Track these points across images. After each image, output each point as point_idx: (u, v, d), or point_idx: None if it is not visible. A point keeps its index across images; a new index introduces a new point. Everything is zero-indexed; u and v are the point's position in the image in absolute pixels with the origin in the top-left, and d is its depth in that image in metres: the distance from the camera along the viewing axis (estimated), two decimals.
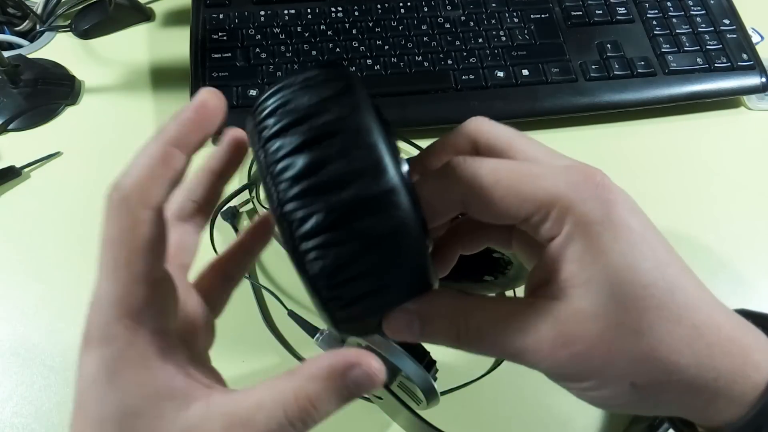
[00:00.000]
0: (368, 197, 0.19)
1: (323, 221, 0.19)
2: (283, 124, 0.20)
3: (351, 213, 0.19)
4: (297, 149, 0.19)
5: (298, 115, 0.19)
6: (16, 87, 0.54)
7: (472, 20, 0.57)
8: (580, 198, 0.20)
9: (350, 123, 0.19)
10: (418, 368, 0.33)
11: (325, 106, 0.19)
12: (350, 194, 0.19)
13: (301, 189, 0.19)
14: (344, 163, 0.19)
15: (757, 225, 0.49)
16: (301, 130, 0.19)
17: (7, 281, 0.45)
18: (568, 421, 0.40)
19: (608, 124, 0.55)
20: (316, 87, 0.20)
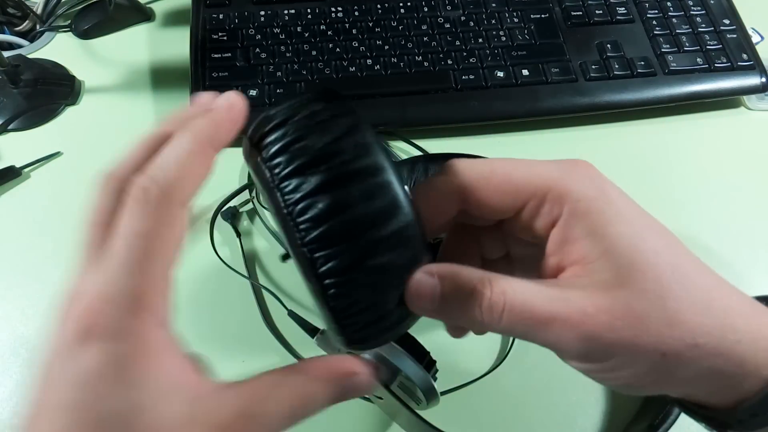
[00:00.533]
0: (389, 236, 0.21)
1: (347, 260, 0.20)
2: (299, 164, 0.20)
3: (372, 251, 0.21)
4: (317, 191, 0.20)
5: (314, 155, 0.20)
6: (16, 87, 0.54)
7: (472, 20, 0.57)
8: (575, 180, 0.21)
9: (366, 165, 0.21)
10: (418, 368, 0.33)
11: (340, 146, 0.21)
12: (373, 234, 0.20)
13: (324, 230, 0.20)
14: (366, 206, 0.20)
15: (756, 225, 0.49)
16: (320, 172, 0.20)
17: (7, 281, 0.45)
18: (568, 421, 0.40)
19: (608, 124, 0.55)
20: (326, 124, 0.21)
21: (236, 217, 0.48)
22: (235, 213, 0.48)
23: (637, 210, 0.21)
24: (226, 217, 0.48)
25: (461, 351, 0.42)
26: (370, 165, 0.21)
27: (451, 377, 0.41)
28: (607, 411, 0.41)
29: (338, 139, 0.21)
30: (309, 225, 0.20)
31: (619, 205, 0.21)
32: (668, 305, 0.20)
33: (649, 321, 0.20)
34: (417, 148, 0.52)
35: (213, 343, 0.43)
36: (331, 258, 0.20)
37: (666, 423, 0.37)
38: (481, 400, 0.41)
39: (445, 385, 0.40)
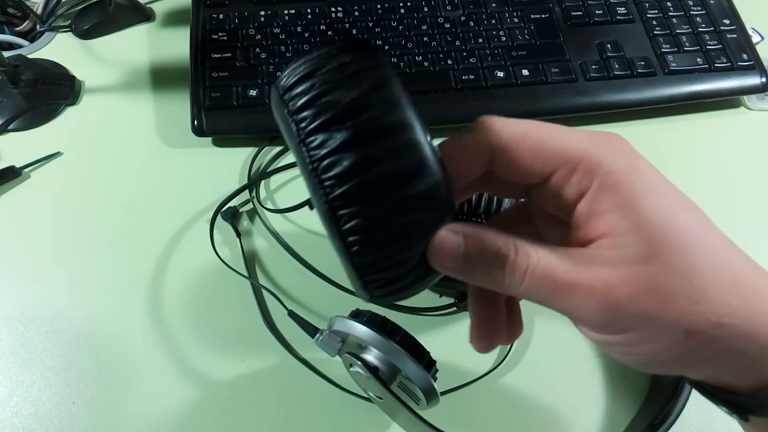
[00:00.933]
0: (415, 195, 0.20)
1: (371, 219, 0.20)
2: (326, 119, 0.20)
3: (398, 210, 0.20)
4: (343, 147, 0.20)
5: (341, 110, 0.20)
6: (16, 87, 0.54)
7: (472, 20, 0.57)
8: (608, 152, 0.21)
9: (394, 121, 0.20)
10: (418, 368, 0.33)
11: (368, 101, 0.20)
12: (398, 194, 0.20)
13: (348, 188, 0.20)
14: (392, 164, 0.20)
15: (757, 225, 0.49)
16: (347, 128, 0.20)
17: (7, 281, 0.45)
18: (568, 421, 0.40)
19: (608, 124, 0.55)
20: (354, 77, 0.20)
21: (236, 217, 0.48)
22: (235, 213, 0.48)
23: (668, 186, 0.21)
24: (226, 217, 0.48)
25: (461, 351, 0.42)
26: (399, 122, 0.20)
27: (451, 377, 0.41)
28: (607, 411, 0.41)
29: (366, 94, 0.20)
30: (334, 182, 0.20)
31: (651, 180, 0.20)
32: (695, 282, 0.19)
33: (674, 297, 0.19)
34: None
35: (213, 343, 0.43)
36: (354, 216, 0.20)
37: (666, 423, 0.37)
38: (481, 400, 0.41)
39: (445, 385, 0.40)
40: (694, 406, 0.38)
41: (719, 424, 0.39)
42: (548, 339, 0.43)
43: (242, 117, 0.52)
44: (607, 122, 0.55)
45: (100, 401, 0.40)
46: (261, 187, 0.51)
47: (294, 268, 0.46)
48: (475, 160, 0.22)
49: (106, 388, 0.41)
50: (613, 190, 0.20)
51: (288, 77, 0.21)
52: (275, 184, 0.51)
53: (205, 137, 0.52)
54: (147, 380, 0.41)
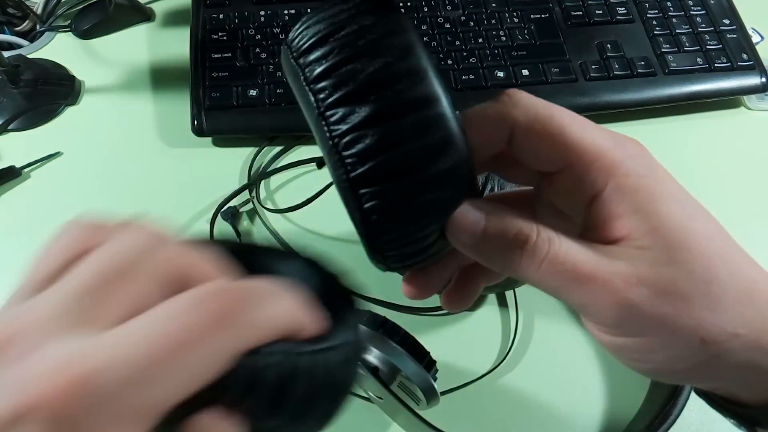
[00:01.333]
0: (438, 174, 0.19)
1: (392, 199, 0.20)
2: (347, 92, 0.19)
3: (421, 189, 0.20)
4: (366, 124, 0.19)
5: (364, 82, 0.19)
6: (16, 87, 0.54)
7: (472, 20, 0.57)
8: (627, 154, 0.20)
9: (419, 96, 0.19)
10: (418, 368, 0.33)
11: (392, 73, 0.19)
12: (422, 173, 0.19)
13: (371, 167, 0.19)
14: (417, 142, 0.19)
15: (757, 225, 0.49)
16: (369, 103, 0.19)
17: (7, 281, 0.45)
18: (568, 421, 0.40)
19: (608, 124, 0.55)
20: (377, 44, 0.19)
21: (236, 217, 0.48)
22: (235, 213, 0.48)
23: (686, 193, 0.20)
24: (226, 217, 0.48)
25: (461, 351, 0.42)
26: (424, 95, 0.19)
27: (451, 377, 0.41)
28: (607, 411, 0.41)
29: (390, 64, 0.19)
30: (355, 160, 0.19)
31: (669, 186, 0.20)
32: (713, 291, 0.19)
33: (692, 303, 0.19)
34: None
35: None
36: (377, 196, 0.19)
37: (666, 423, 0.37)
38: (481, 400, 0.41)
39: (445, 385, 0.40)
40: (694, 406, 0.38)
41: (719, 424, 0.39)
42: (548, 339, 0.43)
43: (242, 117, 0.51)
44: (607, 122, 0.55)
45: None
46: (261, 187, 0.51)
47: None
48: (495, 134, 0.21)
49: None
50: (631, 192, 0.20)
51: (302, 38, 0.20)
52: (275, 184, 0.51)
53: (205, 137, 0.52)
54: None
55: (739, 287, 0.19)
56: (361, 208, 0.20)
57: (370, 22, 0.19)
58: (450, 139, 0.19)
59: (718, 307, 0.19)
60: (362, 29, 0.19)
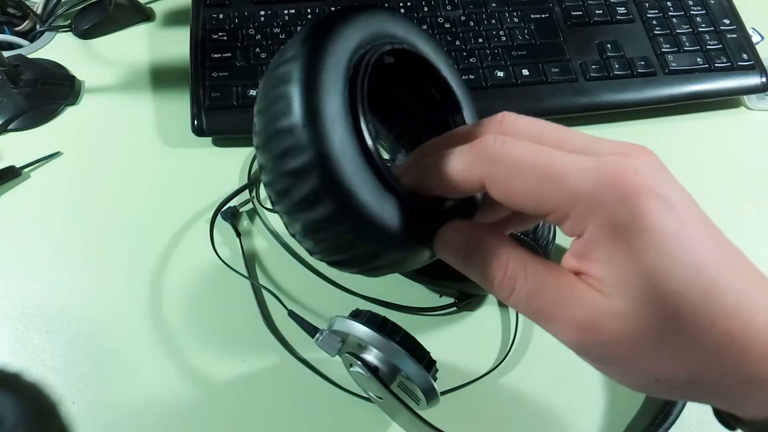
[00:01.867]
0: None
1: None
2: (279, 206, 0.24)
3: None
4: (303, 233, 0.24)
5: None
6: (16, 87, 0.54)
7: (472, 20, 0.57)
8: (606, 201, 0.19)
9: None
10: (418, 368, 0.33)
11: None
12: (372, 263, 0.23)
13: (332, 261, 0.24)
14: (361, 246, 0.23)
15: (757, 225, 0.49)
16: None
17: (7, 281, 0.45)
18: (568, 421, 0.40)
19: (608, 124, 0.55)
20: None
21: (236, 217, 0.48)
22: (235, 213, 0.48)
23: (674, 239, 0.19)
24: (226, 217, 0.48)
25: (461, 351, 0.42)
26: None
27: (451, 377, 0.41)
28: (607, 411, 0.41)
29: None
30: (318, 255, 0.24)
31: (650, 237, 0.19)
32: (672, 345, 0.19)
33: (646, 353, 0.19)
34: None
35: (213, 343, 0.43)
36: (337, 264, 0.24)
37: (666, 423, 0.37)
38: (481, 400, 0.41)
39: (445, 385, 0.40)
40: (694, 406, 0.38)
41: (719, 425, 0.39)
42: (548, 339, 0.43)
43: (242, 117, 0.51)
44: (607, 122, 0.55)
45: (100, 401, 0.40)
46: (261, 187, 0.51)
47: (294, 268, 0.46)
48: (464, 188, 0.22)
49: (107, 388, 0.41)
50: (605, 242, 0.19)
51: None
52: None
53: (205, 137, 0.52)
54: (147, 380, 0.41)
55: (705, 343, 0.19)
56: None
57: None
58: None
59: (674, 354, 0.19)
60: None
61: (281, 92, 0.21)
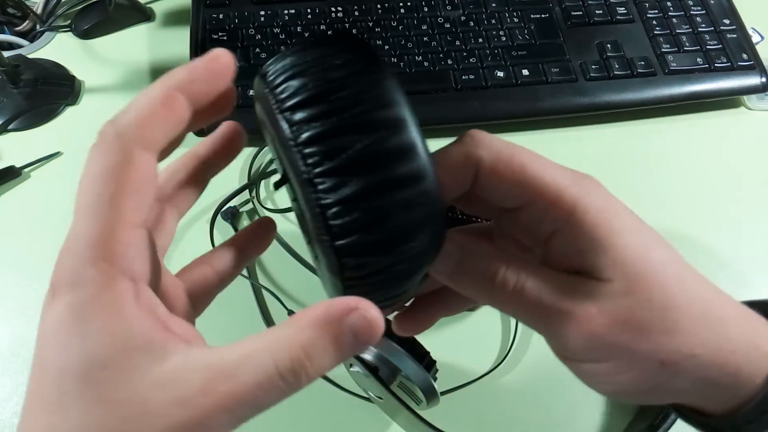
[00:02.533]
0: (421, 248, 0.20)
1: (374, 268, 0.20)
2: (338, 165, 0.19)
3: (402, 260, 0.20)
4: (356, 198, 0.19)
5: (355, 158, 0.19)
6: (16, 87, 0.54)
7: (472, 20, 0.57)
8: (585, 191, 0.21)
9: (410, 171, 0.19)
10: (418, 368, 0.33)
11: (384, 149, 0.19)
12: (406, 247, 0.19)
13: (358, 240, 0.19)
14: (404, 217, 0.19)
15: (757, 225, 0.49)
16: (361, 179, 0.19)
17: (7, 281, 0.45)
18: (568, 421, 0.40)
19: (608, 124, 0.55)
20: (370, 116, 0.19)
21: (236, 217, 0.48)
22: (235, 213, 0.48)
23: (641, 224, 0.22)
24: (226, 217, 0.48)
25: (461, 351, 0.42)
26: (413, 173, 0.19)
27: (451, 377, 0.41)
28: (607, 411, 0.41)
29: (382, 139, 0.19)
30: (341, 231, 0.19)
31: (625, 219, 0.21)
32: (670, 315, 0.20)
33: (651, 329, 0.20)
34: None
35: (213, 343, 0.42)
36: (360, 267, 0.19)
37: (666, 423, 0.37)
38: (481, 400, 0.41)
39: (445, 385, 0.40)
40: None
41: None
42: None
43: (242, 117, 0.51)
44: (607, 122, 0.55)
45: None
46: (261, 187, 0.51)
47: (294, 268, 0.46)
48: (462, 175, 0.22)
49: None
50: (591, 228, 0.21)
51: (286, 87, 0.19)
52: None
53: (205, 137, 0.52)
54: None
55: (695, 309, 0.20)
56: (342, 275, 0.20)
57: (360, 88, 0.19)
58: (434, 215, 0.20)
59: (675, 330, 0.20)
60: (356, 94, 0.19)
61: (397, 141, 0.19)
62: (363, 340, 0.18)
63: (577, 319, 0.20)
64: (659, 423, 0.38)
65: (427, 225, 0.20)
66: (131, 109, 0.19)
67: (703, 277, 0.22)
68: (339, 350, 0.18)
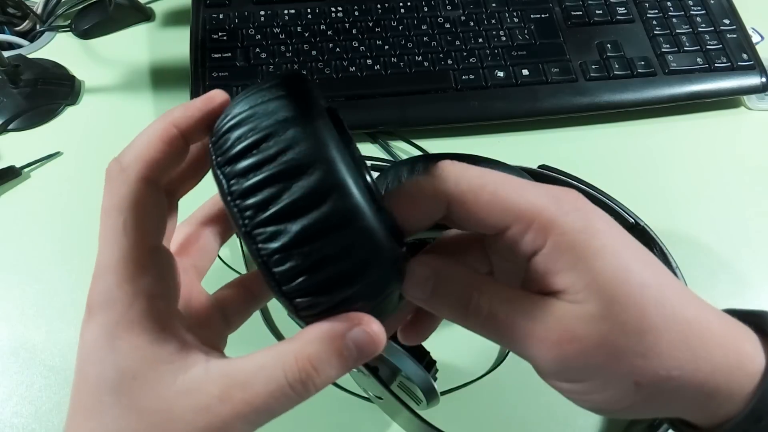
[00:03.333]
0: (367, 285, 0.20)
1: (323, 307, 0.20)
2: (271, 215, 0.19)
3: (349, 299, 0.20)
4: (293, 245, 0.19)
5: (288, 205, 0.19)
6: (16, 87, 0.54)
7: (472, 20, 0.57)
8: (563, 211, 0.21)
9: (346, 212, 0.19)
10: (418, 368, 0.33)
11: (317, 193, 0.19)
12: (351, 289, 0.20)
13: (301, 284, 0.19)
14: (345, 261, 0.19)
15: (757, 225, 0.49)
16: (295, 224, 0.19)
17: (7, 281, 0.45)
18: (568, 421, 0.40)
19: (608, 124, 0.55)
20: (301, 162, 0.19)
21: None
22: None
23: (623, 241, 0.21)
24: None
25: (461, 351, 0.42)
26: (347, 214, 0.19)
27: (451, 377, 0.41)
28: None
29: (315, 183, 0.19)
30: (285, 277, 0.20)
31: (605, 238, 0.20)
32: (646, 339, 0.20)
33: (625, 353, 0.20)
34: (417, 148, 0.52)
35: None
36: (308, 306, 0.20)
37: (666, 423, 0.37)
38: (481, 400, 0.41)
39: (445, 385, 0.40)
40: None
41: None
42: None
43: None
44: (607, 122, 0.55)
45: None
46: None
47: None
48: (431, 209, 0.22)
49: None
50: (567, 250, 0.20)
51: (221, 142, 0.20)
52: None
53: None
54: None
55: (674, 332, 0.20)
56: (299, 314, 0.20)
57: (291, 131, 0.19)
58: (376, 248, 0.19)
59: (651, 353, 0.20)
60: (284, 142, 0.19)
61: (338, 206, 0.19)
62: (366, 353, 0.20)
63: (551, 343, 0.20)
64: (659, 423, 0.38)
65: (373, 259, 0.20)
66: (134, 145, 0.21)
67: (689, 294, 0.21)
68: (343, 362, 0.20)
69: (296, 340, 0.20)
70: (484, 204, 0.21)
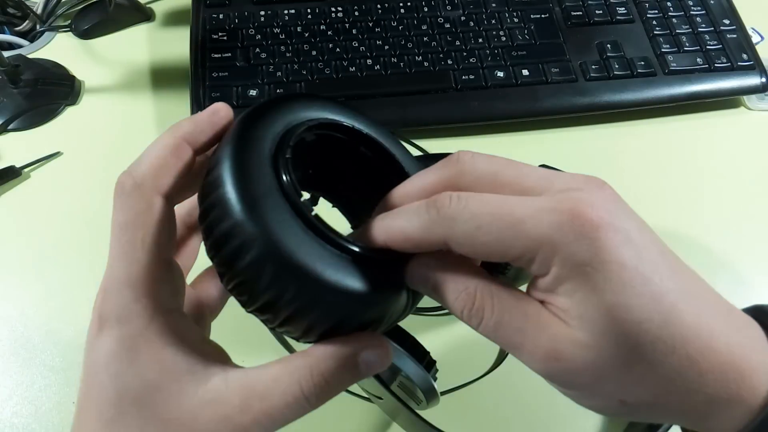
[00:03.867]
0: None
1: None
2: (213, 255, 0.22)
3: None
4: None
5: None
6: (16, 87, 0.54)
7: (472, 20, 0.57)
8: (566, 240, 0.19)
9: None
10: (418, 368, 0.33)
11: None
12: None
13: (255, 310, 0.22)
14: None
15: (757, 225, 0.49)
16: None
17: (7, 281, 0.45)
18: (568, 421, 0.40)
19: (608, 124, 0.55)
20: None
21: None
22: None
23: (633, 270, 0.19)
24: None
25: (461, 351, 0.42)
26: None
27: (451, 377, 0.41)
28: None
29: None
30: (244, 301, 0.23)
31: (611, 271, 0.19)
32: (635, 370, 0.20)
33: (610, 379, 0.20)
34: (417, 148, 0.52)
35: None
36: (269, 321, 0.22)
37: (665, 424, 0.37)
38: (481, 400, 0.41)
39: (445, 385, 0.40)
40: None
41: None
42: None
43: None
44: (607, 122, 0.55)
45: None
46: None
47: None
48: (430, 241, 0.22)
49: None
50: (568, 280, 0.20)
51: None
52: None
53: None
54: None
55: (668, 368, 0.19)
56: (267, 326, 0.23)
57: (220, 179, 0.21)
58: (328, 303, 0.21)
59: (639, 382, 0.20)
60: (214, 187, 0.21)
61: (216, 198, 0.21)
62: (374, 369, 0.23)
63: (541, 355, 0.21)
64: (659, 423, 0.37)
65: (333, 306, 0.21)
66: (145, 159, 0.22)
67: (703, 319, 0.20)
68: (354, 377, 0.22)
69: (309, 355, 0.22)
70: (482, 245, 0.21)
